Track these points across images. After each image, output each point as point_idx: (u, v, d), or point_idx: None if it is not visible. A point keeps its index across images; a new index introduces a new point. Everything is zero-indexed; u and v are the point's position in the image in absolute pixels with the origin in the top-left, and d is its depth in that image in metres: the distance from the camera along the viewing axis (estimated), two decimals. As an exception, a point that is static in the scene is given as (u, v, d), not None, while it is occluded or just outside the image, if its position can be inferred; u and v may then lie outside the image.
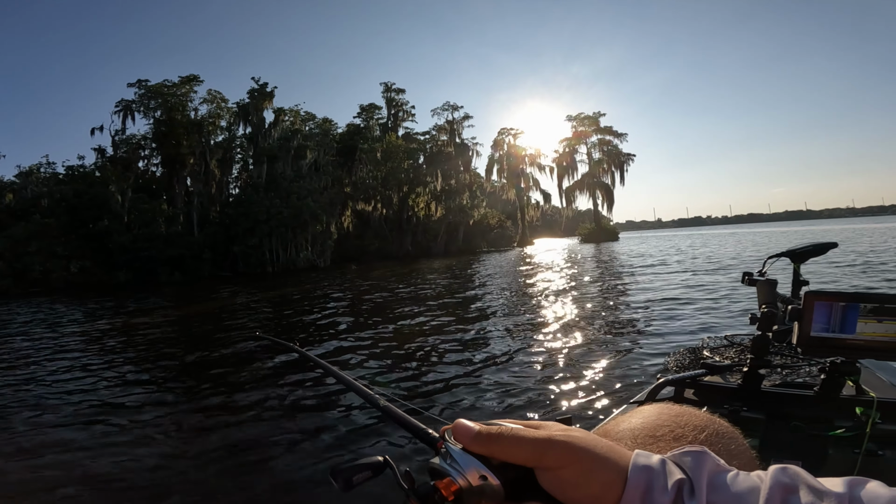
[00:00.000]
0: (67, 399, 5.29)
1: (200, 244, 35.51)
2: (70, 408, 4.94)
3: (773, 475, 0.35)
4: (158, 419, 4.47)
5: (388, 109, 53.51)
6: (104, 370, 6.56)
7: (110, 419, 4.52)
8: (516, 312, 9.08)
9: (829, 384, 1.33)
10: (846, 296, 1.19)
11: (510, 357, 5.67)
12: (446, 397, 4.50)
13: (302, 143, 42.85)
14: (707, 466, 0.36)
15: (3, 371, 6.95)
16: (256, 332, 1.54)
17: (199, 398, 5.04)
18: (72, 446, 3.87)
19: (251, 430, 4.01)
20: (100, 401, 5.14)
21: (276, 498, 2.91)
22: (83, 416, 4.69)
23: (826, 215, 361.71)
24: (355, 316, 10.14)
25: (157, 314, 13.32)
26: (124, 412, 4.70)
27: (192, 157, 39.59)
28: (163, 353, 7.72)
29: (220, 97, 42.00)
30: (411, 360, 5.97)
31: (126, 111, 39.48)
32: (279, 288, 19.54)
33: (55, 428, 4.36)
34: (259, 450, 3.61)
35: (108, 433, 4.17)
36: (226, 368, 6.23)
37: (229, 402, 4.79)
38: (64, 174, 40.01)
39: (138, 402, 4.98)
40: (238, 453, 3.57)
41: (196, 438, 3.94)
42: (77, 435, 4.14)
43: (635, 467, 0.36)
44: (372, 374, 5.53)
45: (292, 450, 3.55)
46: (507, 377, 4.90)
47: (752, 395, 1.45)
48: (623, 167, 55.47)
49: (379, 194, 45.93)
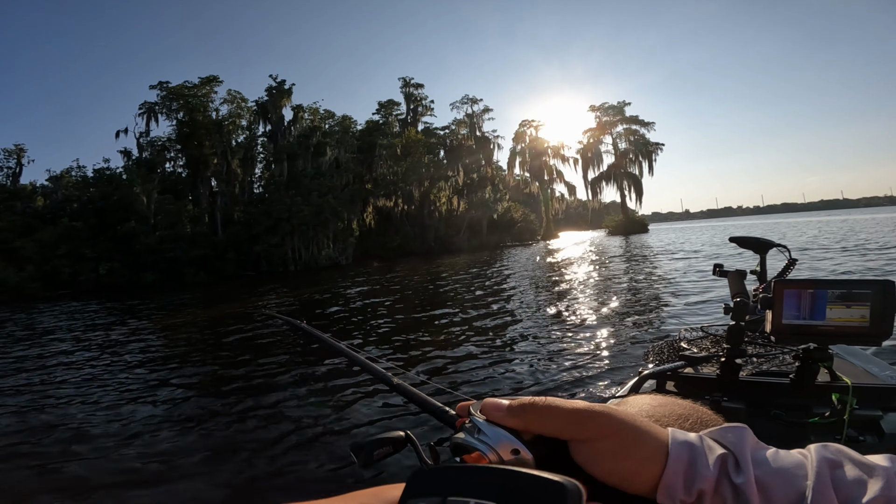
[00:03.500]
0: (115, 415, 5.02)
1: (224, 244, 35.61)
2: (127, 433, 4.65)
3: (816, 451, 0.35)
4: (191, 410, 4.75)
5: (407, 105, 52.78)
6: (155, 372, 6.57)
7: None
8: (547, 314, 8.38)
9: (803, 371, 1.35)
10: (813, 283, 1.23)
11: (540, 355, 5.60)
12: (464, 386, 4.67)
13: (321, 140, 42.58)
14: (749, 442, 0.36)
15: (81, 373, 6.95)
16: (263, 309, 0.96)
17: (230, 397, 5.12)
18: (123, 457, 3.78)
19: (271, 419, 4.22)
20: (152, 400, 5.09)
21: (279, 484, 3.06)
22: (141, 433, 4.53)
23: (864, 204, 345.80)
24: (388, 310, 9.86)
25: (198, 314, 13.26)
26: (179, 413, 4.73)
27: (214, 157, 39.78)
28: (200, 353, 7.85)
29: (239, 97, 42.14)
30: (430, 349, 6.09)
31: (149, 113, 39.90)
32: (303, 287, 19.06)
33: (99, 438, 4.25)
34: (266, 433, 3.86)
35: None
36: (245, 356, 6.44)
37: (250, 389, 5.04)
38: (92, 177, 40.74)
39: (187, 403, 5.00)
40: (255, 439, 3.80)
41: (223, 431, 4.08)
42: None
43: (675, 442, 0.35)
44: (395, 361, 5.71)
45: (304, 437, 3.72)
46: (529, 370, 4.95)
47: (731, 385, 1.46)
48: (651, 157, 53.40)
49: (400, 190, 45.31)
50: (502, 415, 0.36)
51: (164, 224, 35.20)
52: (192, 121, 38.75)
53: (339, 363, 5.48)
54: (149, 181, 36.55)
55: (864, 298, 1.20)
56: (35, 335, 11.28)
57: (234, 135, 41.80)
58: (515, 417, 0.35)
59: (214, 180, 40.61)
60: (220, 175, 40.42)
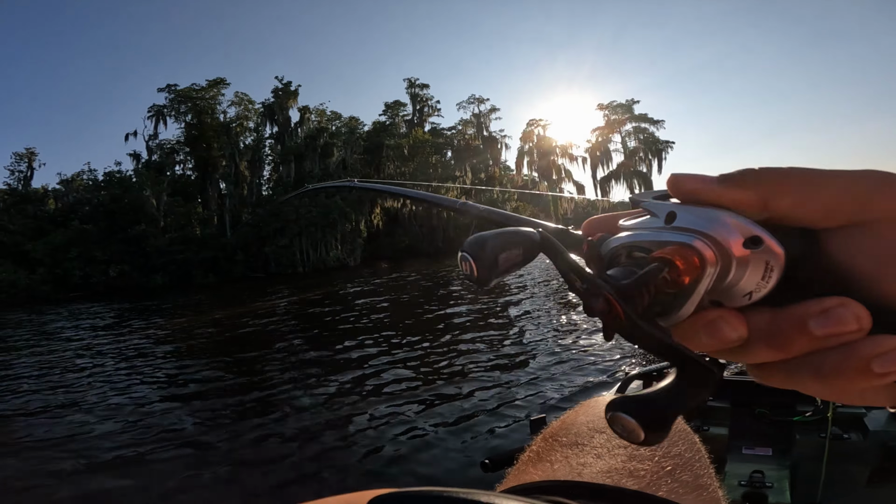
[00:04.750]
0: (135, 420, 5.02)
1: (233, 245, 35.67)
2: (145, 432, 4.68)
3: None
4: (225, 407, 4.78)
5: (413, 105, 52.57)
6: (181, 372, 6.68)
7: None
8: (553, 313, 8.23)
9: None
10: None
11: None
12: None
13: (328, 141, 42.57)
14: None
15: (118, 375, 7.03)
16: (307, 186, 1.01)
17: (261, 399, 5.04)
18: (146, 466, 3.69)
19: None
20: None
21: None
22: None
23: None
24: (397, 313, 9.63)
25: (215, 314, 13.32)
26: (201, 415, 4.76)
27: (223, 159, 39.93)
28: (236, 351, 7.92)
29: (247, 99, 42.29)
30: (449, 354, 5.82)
31: (158, 116, 40.10)
32: (314, 289, 18.92)
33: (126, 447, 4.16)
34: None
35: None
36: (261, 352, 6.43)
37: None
38: (103, 180, 41.02)
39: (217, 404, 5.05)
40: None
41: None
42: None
43: None
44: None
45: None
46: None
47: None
48: (661, 155, 52.80)
49: (407, 191, 45.15)
50: (713, 188, 0.21)
51: (173, 226, 35.32)
52: (200, 123, 38.92)
53: (370, 369, 5.55)
54: (158, 183, 36.67)
55: None
56: (55, 335, 11.23)
57: (242, 137, 41.94)
58: (740, 189, 0.21)
59: (223, 182, 40.76)
60: (228, 177, 40.54)
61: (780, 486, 1.22)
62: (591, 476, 0.31)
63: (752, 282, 0.20)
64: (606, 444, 0.33)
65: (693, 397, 0.20)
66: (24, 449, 4.12)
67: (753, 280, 0.20)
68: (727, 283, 0.21)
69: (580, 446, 0.33)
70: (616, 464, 0.31)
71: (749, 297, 0.21)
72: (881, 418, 1.32)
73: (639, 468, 0.31)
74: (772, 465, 1.27)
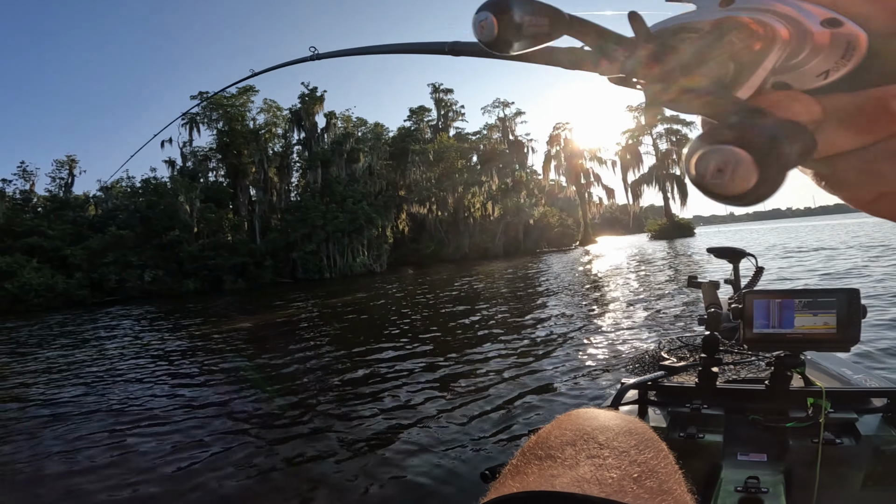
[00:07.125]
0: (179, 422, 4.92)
1: (262, 251, 36.05)
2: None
3: None
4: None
5: (438, 110, 52.38)
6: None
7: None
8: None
9: (777, 377, 1.38)
10: (780, 293, 1.27)
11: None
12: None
13: (355, 147, 42.70)
14: None
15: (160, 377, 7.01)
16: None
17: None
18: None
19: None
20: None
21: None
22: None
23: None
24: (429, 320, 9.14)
25: (253, 319, 13.33)
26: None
27: (252, 165, 40.56)
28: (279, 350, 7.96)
29: (275, 106, 42.96)
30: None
31: (192, 123, 41.02)
32: (340, 295, 18.67)
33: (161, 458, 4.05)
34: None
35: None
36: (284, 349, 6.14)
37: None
38: (140, 187, 42.23)
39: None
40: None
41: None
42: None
43: None
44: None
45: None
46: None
47: (709, 393, 1.49)
48: (695, 157, 50.83)
49: (433, 196, 44.81)
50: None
51: (205, 232, 35.95)
52: (231, 130, 39.66)
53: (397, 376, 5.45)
54: (192, 190, 37.45)
55: (830, 307, 1.22)
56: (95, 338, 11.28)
57: (271, 143, 42.54)
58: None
59: (253, 189, 41.38)
60: (258, 183, 41.14)
61: (775, 492, 1.24)
62: (561, 486, 0.32)
63: (829, 61, 0.19)
64: (576, 455, 0.35)
65: (805, 139, 0.17)
66: (67, 448, 4.25)
67: (831, 59, 0.19)
68: (798, 61, 0.19)
69: (552, 458, 0.35)
70: (585, 473, 0.33)
71: (825, 75, 0.19)
72: (873, 423, 1.35)
73: (606, 476, 0.32)
74: (767, 471, 1.31)
